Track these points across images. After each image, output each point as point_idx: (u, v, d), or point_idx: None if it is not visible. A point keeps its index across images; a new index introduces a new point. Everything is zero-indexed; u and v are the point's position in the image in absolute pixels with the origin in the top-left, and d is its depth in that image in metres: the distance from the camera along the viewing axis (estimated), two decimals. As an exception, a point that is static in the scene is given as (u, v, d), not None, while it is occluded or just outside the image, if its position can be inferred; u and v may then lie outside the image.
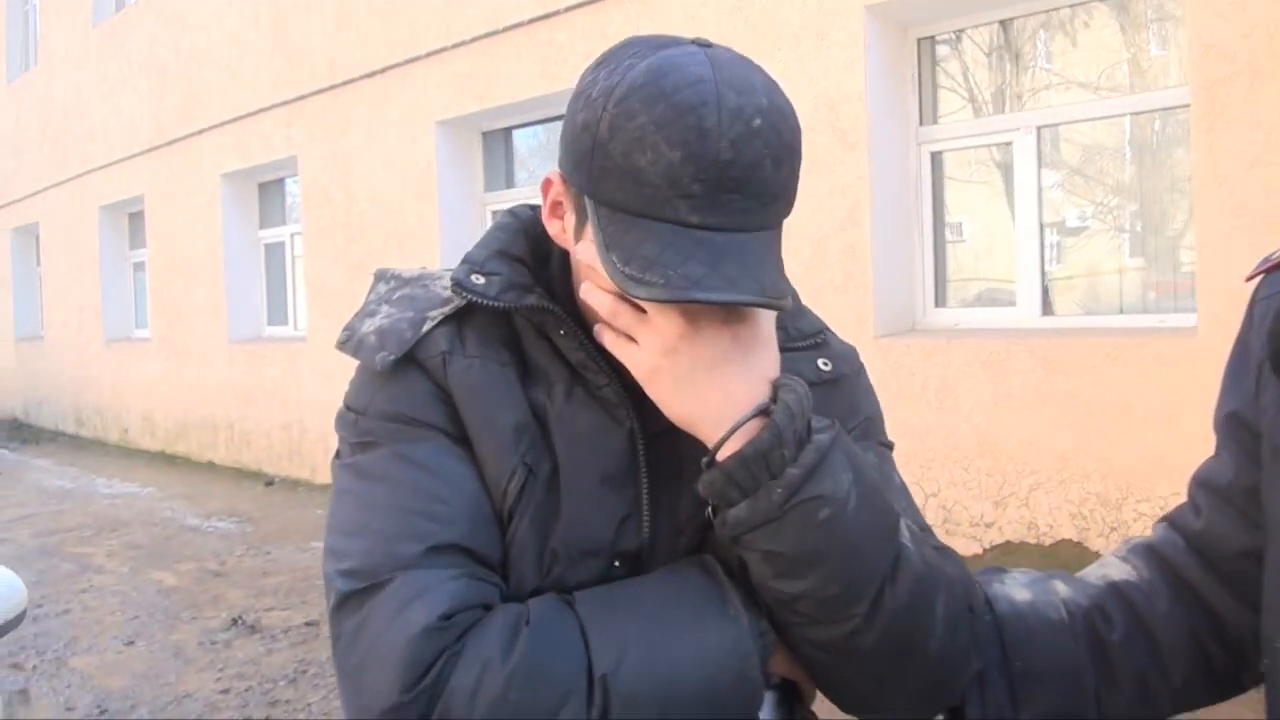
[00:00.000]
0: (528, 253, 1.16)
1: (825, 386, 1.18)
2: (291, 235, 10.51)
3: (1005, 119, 5.45)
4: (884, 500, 1.05)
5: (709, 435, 1.01)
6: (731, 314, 1.02)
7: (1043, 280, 5.32)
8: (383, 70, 8.47)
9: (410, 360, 1.09)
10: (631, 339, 1.04)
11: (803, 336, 1.22)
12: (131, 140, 12.15)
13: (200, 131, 10.87)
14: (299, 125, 9.50)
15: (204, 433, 11.38)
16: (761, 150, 0.95)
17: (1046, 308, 5.33)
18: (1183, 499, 1.26)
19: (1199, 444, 1.23)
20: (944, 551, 1.12)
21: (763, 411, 1.00)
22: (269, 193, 10.94)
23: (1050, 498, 4.87)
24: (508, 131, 8.33)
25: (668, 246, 0.95)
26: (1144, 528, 4.47)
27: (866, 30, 5.37)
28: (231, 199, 10.79)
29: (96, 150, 12.96)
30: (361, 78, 8.69)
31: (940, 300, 5.73)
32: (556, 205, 1.09)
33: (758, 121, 0.96)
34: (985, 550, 5.06)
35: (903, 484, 1.21)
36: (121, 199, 12.70)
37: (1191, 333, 4.49)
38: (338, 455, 1.14)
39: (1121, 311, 5.18)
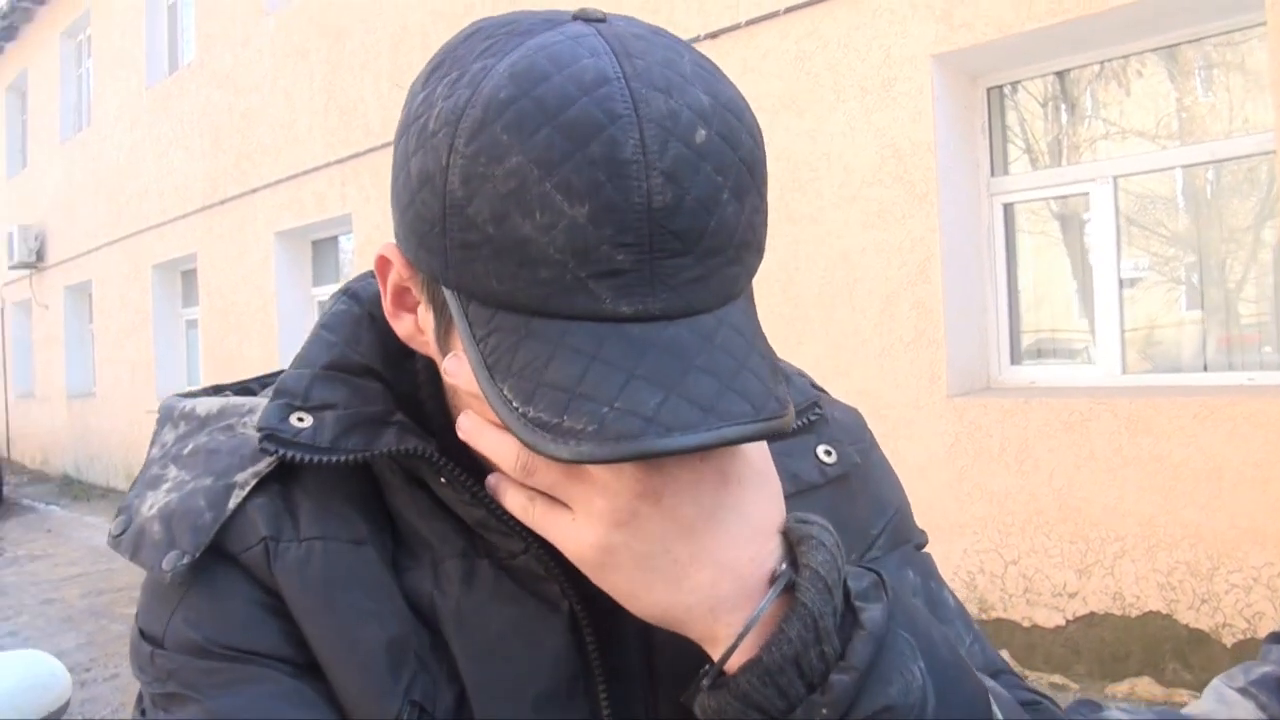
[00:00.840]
0: (378, 353, 0.80)
1: (833, 487, 0.86)
2: (344, 292, 10.41)
3: (1080, 169, 5.28)
4: (969, 683, 0.70)
5: (703, 635, 0.67)
6: None
7: (1122, 336, 5.12)
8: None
9: (217, 556, 0.73)
10: (558, 502, 0.68)
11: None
12: (185, 199, 12.20)
13: (254, 190, 10.88)
14: (353, 183, 9.48)
15: (254, 491, 11.23)
16: (714, 179, 0.62)
17: (1125, 365, 5.14)
18: (1277, 568, 1.02)
19: None
20: (1037, 705, 0.84)
21: (784, 587, 0.66)
22: (323, 250, 10.92)
23: (1136, 566, 4.63)
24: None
25: (592, 362, 0.60)
26: (1236, 600, 4.25)
27: (934, 80, 5.23)
28: (285, 257, 10.78)
29: (150, 209, 13.04)
30: (414, 135, 8.62)
31: (1015, 357, 5.54)
32: (402, 294, 0.73)
33: (701, 134, 0.62)
34: (1068, 621, 4.83)
35: (958, 604, 0.89)
36: (174, 257, 12.73)
37: (1284, 392, 4.28)
38: (139, 704, 0.78)
39: (1205, 369, 4.97)
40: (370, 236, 9.28)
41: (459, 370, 0.67)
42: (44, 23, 16.32)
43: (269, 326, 10.80)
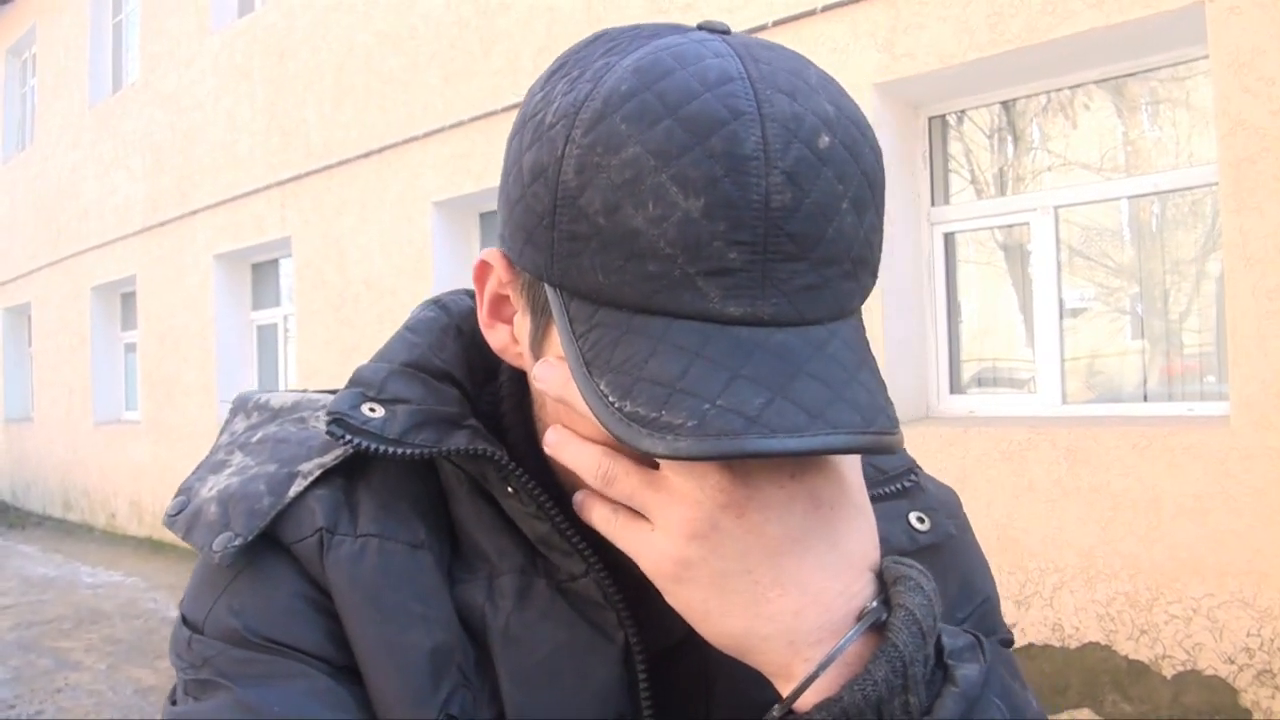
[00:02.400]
0: (461, 364, 0.79)
1: (923, 556, 0.78)
2: (285, 317, 10.33)
3: (1022, 199, 5.28)
4: None
5: (778, 669, 0.62)
6: (803, 463, 0.63)
7: (1062, 366, 5.11)
8: (379, 150, 8.34)
9: (269, 544, 0.71)
10: (639, 515, 0.65)
11: (885, 478, 0.83)
12: (125, 220, 12.02)
13: (194, 212, 10.73)
14: (293, 206, 9.36)
15: (192, 518, 11.06)
16: (835, 186, 0.60)
17: (1065, 394, 5.12)
18: (1217, 600, 0.98)
19: (1232, 541, 0.99)
20: None
21: (873, 625, 0.62)
22: (263, 274, 10.78)
23: (1076, 597, 4.60)
24: (505, 212, 8.14)
25: (695, 360, 0.58)
26: (1175, 631, 4.23)
27: (876, 109, 5.21)
28: (224, 280, 10.62)
29: (90, 230, 12.84)
30: (357, 158, 8.55)
31: (955, 386, 5.51)
32: (500, 302, 0.72)
33: (825, 140, 0.60)
34: (1007, 652, 4.78)
35: (1039, 709, 0.78)
36: (114, 279, 12.53)
37: (1224, 422, 4.26)
38: (172, 695, 0.75)
39: (1146, 399, 4.96)
40: (310, 260, 9.16)
41: (550, 375, 0.65)
42: (-13, 40, 16.13)
43: (207, 351, 10.63)
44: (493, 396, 0.79)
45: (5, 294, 15.64)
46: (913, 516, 0.83)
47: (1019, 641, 4.75)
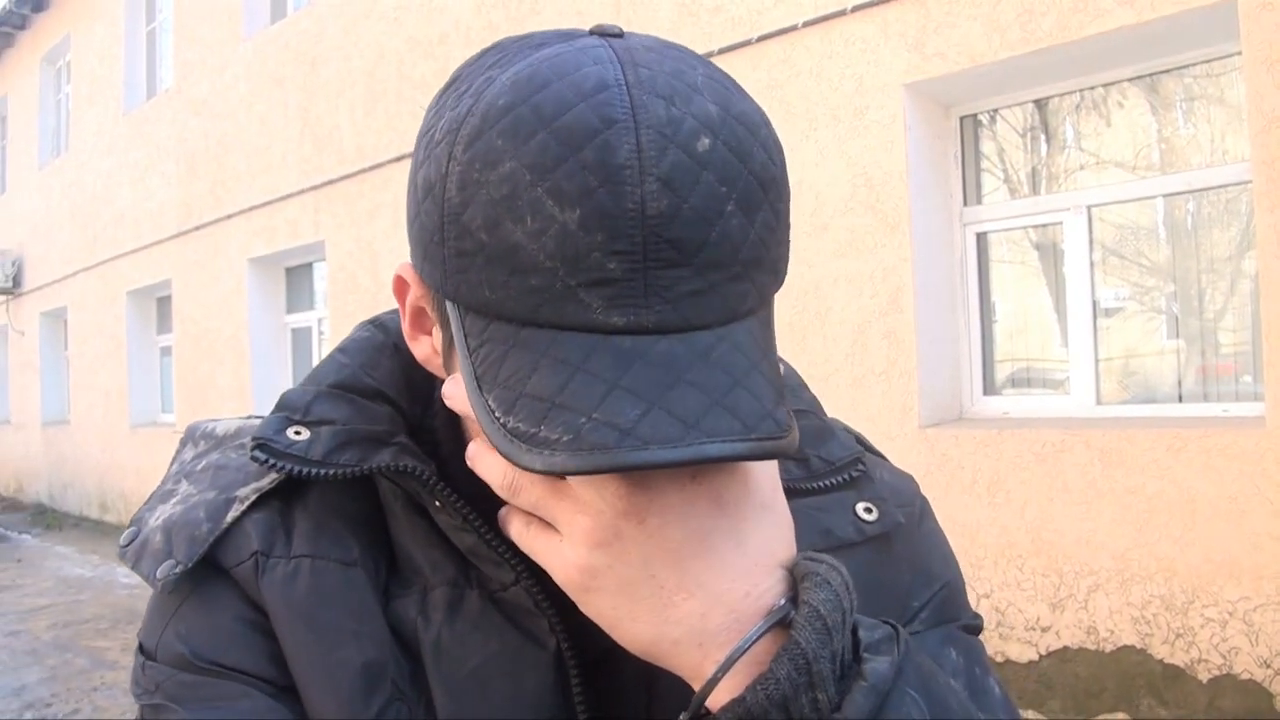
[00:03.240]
0: (398, 381, 0.79)
1: (872, 546, 0.80)
2: (319, 320, 10.40)
3: (1054, 198, 5.25)
4: None
5: (691, 671, 0.62)
6: (703, 465, 0.60)
7: (1096, 366, 5.07)
8: (410, 155, 8.34)
9: (211, 570, 0.73)
10: (550, 527, 0.65)
11: (830, 469, 0.83)
12: (160, 225, 12.14)
13: (228, 216, 10.81)
14: (326, 210, 9.41)
15: (227, 520, 11.13)
16: (716, 188, 0.59)
17: (1099, 395, 5.08)
18: (1253, 603, 0.97)
19: (1269, 543, 0.97)
20: None
21: (777, 622, 0.61)
22: (296, 277, 10.86)
23: (1110, 600, 4.57)
24: (536, 215, 8.14)
25: (576, 373, 0.58)
26: (1211, 635, 4.19)
27: (906, 109, 5.19)
28: (258, 284, 10.70)
29: (125, 235, 12.96)
30: (389, 162, 8.59)
31: (989, 388, 5.48)
32: (419, 314, 0.72)
33: (704, 143, 0.59)
34: (1041, 656, 4.76)
35: (1005, 696, 0.80)
36: (149, 283, 12.65)
37: (1259, 423, 4.22)
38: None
39: (1181, 400, 4.92)
40: (343, 264, 9.21)
41: (455, 392, 0.66)
42: (25, 48, 16.28)
43: (241, 354, 10.71)
44: (430, 408, 0.79)
45: (42, 298, 15.80)
46: (859, 507, 0.82)
47: (1053, 645, 4.72)
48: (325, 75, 9.40)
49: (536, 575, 0.70)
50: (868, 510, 0.82)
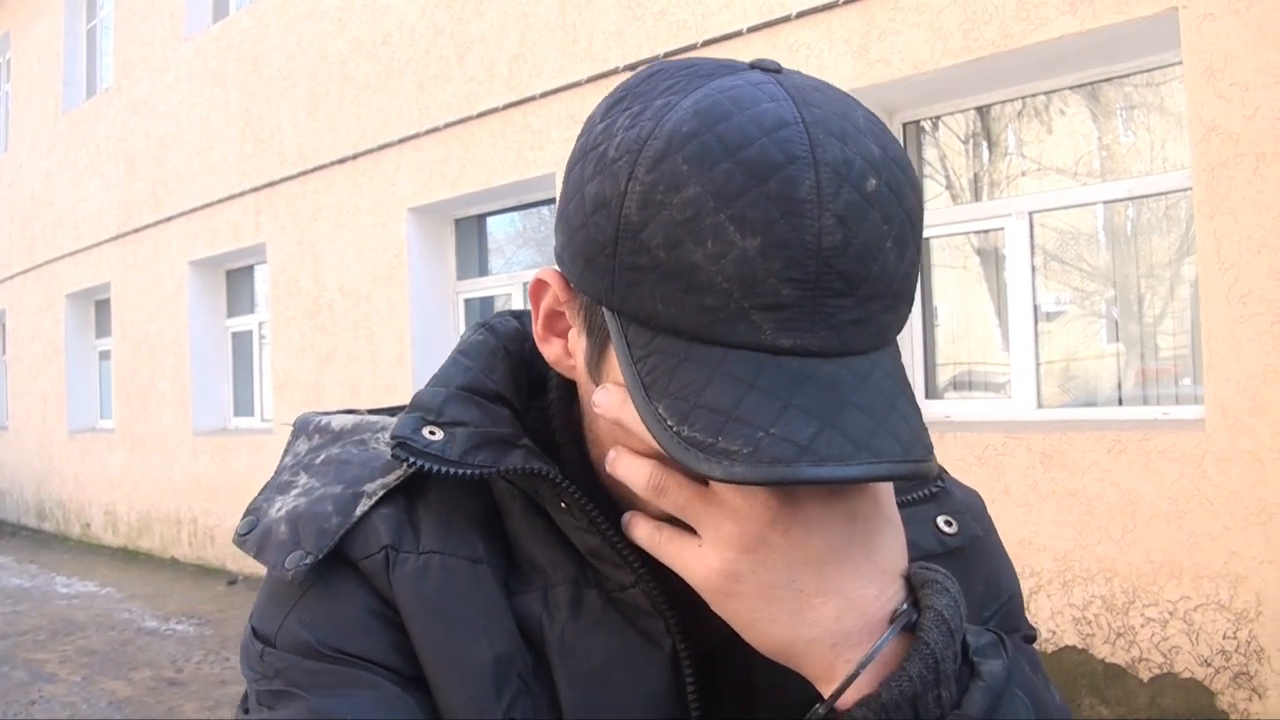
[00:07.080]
0: (510, 384, 0.82)
1: (951, 558, 0.83)
2: (259, 324, 10.28)
3: (996, 204, 5.29)
4: None
5: (821, 671, 0.67)
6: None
7: (1037, 370, 5.12)
8: (353, 157, 8.31)
9: (338, 562, 0.75)
10: (684, 533, 0.69)
11: (914, 484, 0.86)
12: (99, 227, 11.95)
13: (168, 219, 10.67)
14: (268, 212, 9.32)
15: (167, 528, 11.02)
16: (880, 227, 0.63)
17: (1040, 398, 5.13)
18: (1193, 602, 0.99)
19: (1208, 543, 0.98)
20: None
21: (905, 626, 0.66)
22: (237, 280, 10.73)
23: (1052, 601, 4.61)
24: (481, 218, 8.14)
25: (749, 390, 0.61)
26: (1152, 634, 4.24)
27: (850, 114, 5.20)
28: (198, 287, 10.56)
29: (64, 237, 12.76)
30: (332, 164, 8.52)
31: (930, 391, 5.52)
32: (554, 318, 0.76)
33: (872, 183, 0.63)
34: (985, 657, 4.79)
35: (1062, 700, 0.81)
36: (88, 286, 12.46)
37: (1199, 425, 4.27)
38: (243, 703, 0.80)
39: (1121, 403, 4.97)
40: (285, 267, 9.12)
41: (606, 400, 0.69)
42: (-40, 46, 16.01)
43: (181, 359, 10.58)
44: (540, 412, 0.83)
45: (-22, 302, 15.52)
46: (940, 520, 0.86)
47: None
48: (267, 75, 9.29)
49: (653, 578, 0.74)
50: (948, 523, 0.86)
